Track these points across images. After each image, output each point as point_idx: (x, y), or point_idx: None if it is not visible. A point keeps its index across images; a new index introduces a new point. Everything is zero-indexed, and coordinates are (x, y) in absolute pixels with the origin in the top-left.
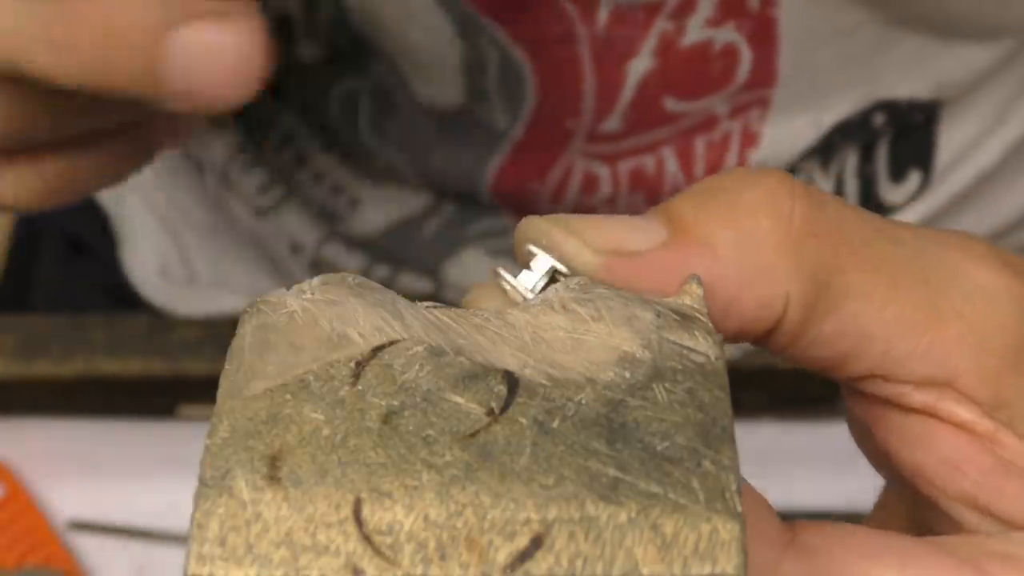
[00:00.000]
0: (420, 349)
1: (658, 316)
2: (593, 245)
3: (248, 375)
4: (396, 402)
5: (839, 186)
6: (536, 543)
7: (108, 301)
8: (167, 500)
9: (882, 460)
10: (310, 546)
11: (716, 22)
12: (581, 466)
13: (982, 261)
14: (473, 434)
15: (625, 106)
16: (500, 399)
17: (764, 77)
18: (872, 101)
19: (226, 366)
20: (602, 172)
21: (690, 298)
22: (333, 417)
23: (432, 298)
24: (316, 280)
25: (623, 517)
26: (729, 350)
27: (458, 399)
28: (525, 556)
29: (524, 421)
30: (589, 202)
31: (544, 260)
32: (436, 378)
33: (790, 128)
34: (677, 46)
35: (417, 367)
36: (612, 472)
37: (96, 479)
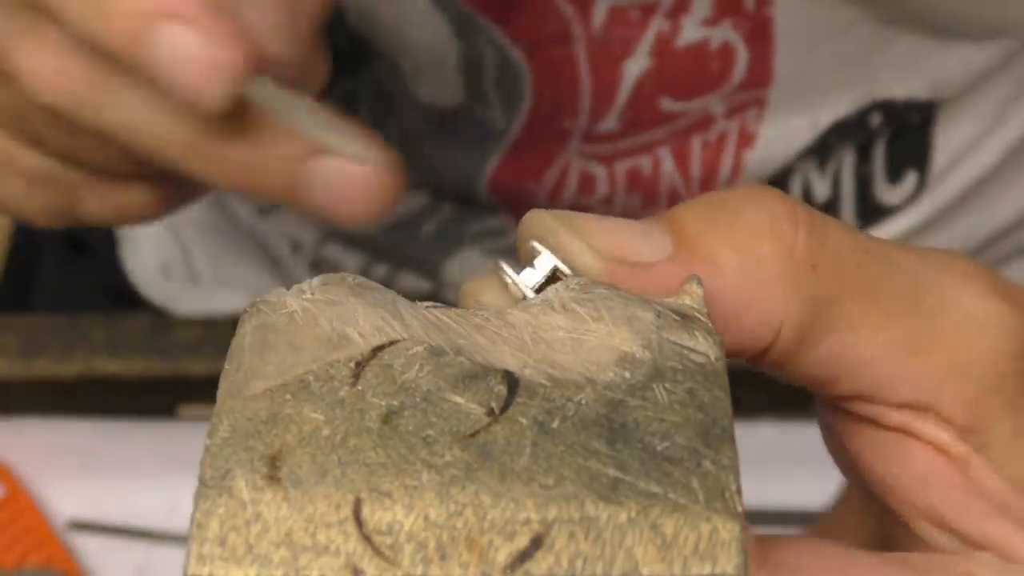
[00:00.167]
0: (420, 349)
1: (658, 316)
2: (599, 250)
3: (248, 375)
4: (396, 402)
5: (835, 186)
6: (536, 543)
7: (108, 301)
8: (167, 500)
9: (851, 466)
10: (310, 546)
11: (712, 21)
12: (581, 466)
13: (975, 288)
14: (473, 434)
15: (621, 106)
16: (500, 399)
17: (760, 77)
18: (869, 101)
19: (226, 366)
20: (599, 172)
21: (690, 298)
22: (333, 417)
23: (432, 297)
24: (316, 280)
25: (623, 517)
26: None
27: (458, 399)
28: (525, 556)
29: (524, 421)
30: (586, 202)
31: (547, 260)
32: (436, 378)
33: (786, 128)
34: (673, 46)
35: (417, 367)
36: (612, 472)
37: (96, 479)
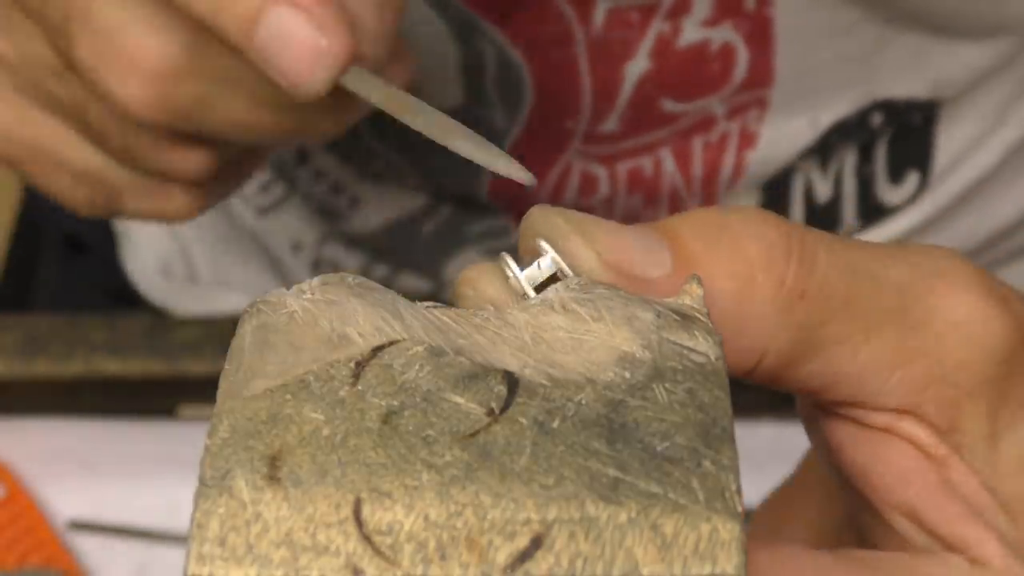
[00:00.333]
0: (420, 349)
1: (658, 316)
2: (604, 259)
3: (248, 375)
4: (396, 402)
5: (837, 186)
6: (536, 543)
7: (108, 301)
8: (167, 500)
9: (831, 456)
10: (310, 546)
11: (712, 22)
12: (581, 466)
13: (963, 293)
14: (473, 434)
15: (622, 107)
16: (500, 399)
17: (761, 77)
18: (870, 101)
19: (226, 366)
20: (600, 173)
21: (690, 298)
22: (333, 417)
23: (432, 297)
24: (316, 280)
25: (623, 517)
26: None
27: (458, 399)
28: (525, 556)
29: (524, 421)
30: (587, 203)
31: (551, 260)
32: (436, 378)
33: (788, 128)
34: (674, 47)
35: (417, 367)
36: (612, 472)
37: (96, 479)
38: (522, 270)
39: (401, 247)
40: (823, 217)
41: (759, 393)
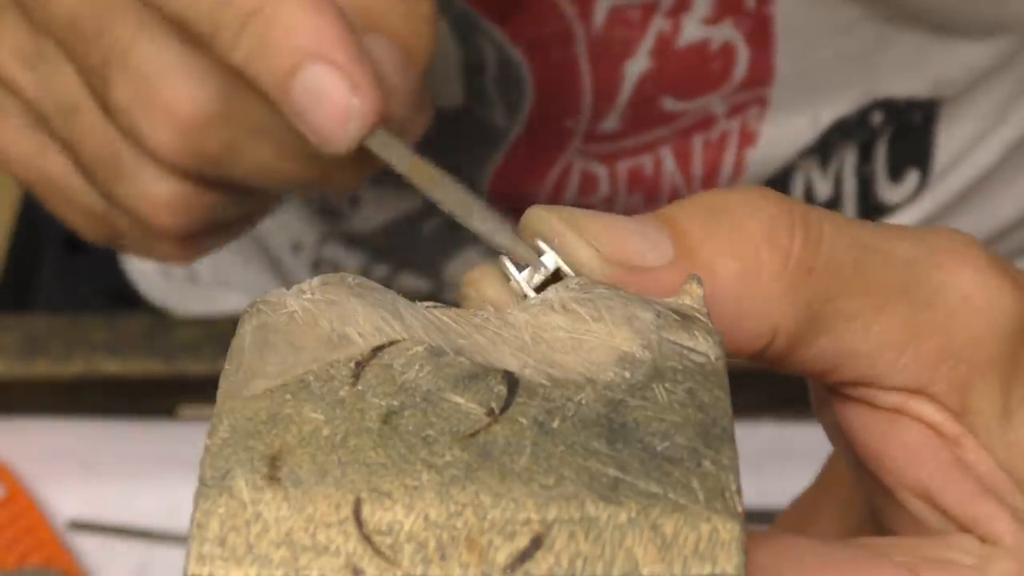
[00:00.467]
0: (420, 349)
1: (658, 316)
2: (604, 254)
3: (248, 375)
4: (396, 402)
5: (837, 185)
6: (536, 543)
7: (108, 301)
8: (167, 500)
9: (843, 438)
10: (310, 546)
11: (713, 20)
12: (581, 466)
13: (971, 271)
14: (473, 434)
15: (623, 106)
16: (500, 399)
17: (761, 75)
18: (870, 99)
19: (226, 366)
20: (600, 172)
21: (690, 298)
22: (333, 417)
23: (432, 297)
24: (316, 280)
25: (623, 517)
26: None
27: (458, 399)
28: (525, 556)
29: (524, 421)
30: (587, 202)
31: (550, 259)
32: (436, 378)
33: (788, 127)
34: (674, 46)
35: (417, 367)
36: (612, 472)
37: (96, 479)
38: (521, 271)
39: (401, 247)
40: None
41: (759, 393)
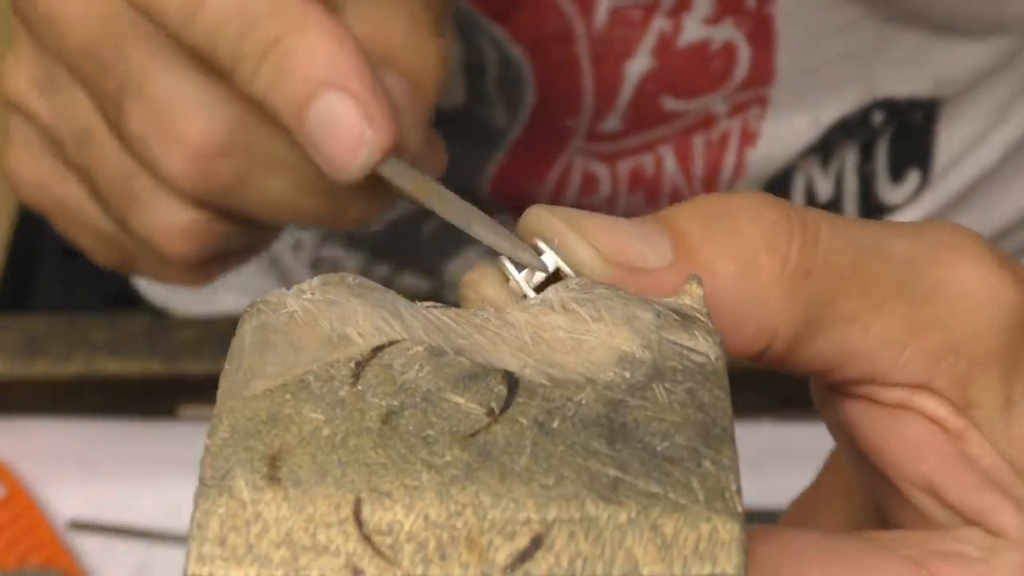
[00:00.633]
0: (420, 349)
1: (658, 316)
2: (604, 254)
3: (248, 375)
4: (396, 402)
5: (838, 185)
6: (536, 543)
7: (108, 301)
8: (167, 500)
9: (846, 435)
10: (310, 546)
11: (713, 20)
12: (581, 466)
13: (971, 264)
14: (473, 434)
15: (624, 105)
16: (500, 399)
17: (762, 75)
18: (871, 99)
19: (226, 366)
20: (601, 172)
21: (690, 298)
22: (333, 417)
23: (433, 297)
24: (316, 280)
25: (623, 517)
26: None
27: (458, 399)
28: (525, 556)
29: (524, 421)
30: (588, 201)
31: (550, 260)
32: (436, 378)
33: (789, 126)
34: (675, 45)
35: (417, 367)
36: (612, 472)
37: (96, 479)
38: (521, 271)
39: (401, 247)
40: None
41: (759, 393)
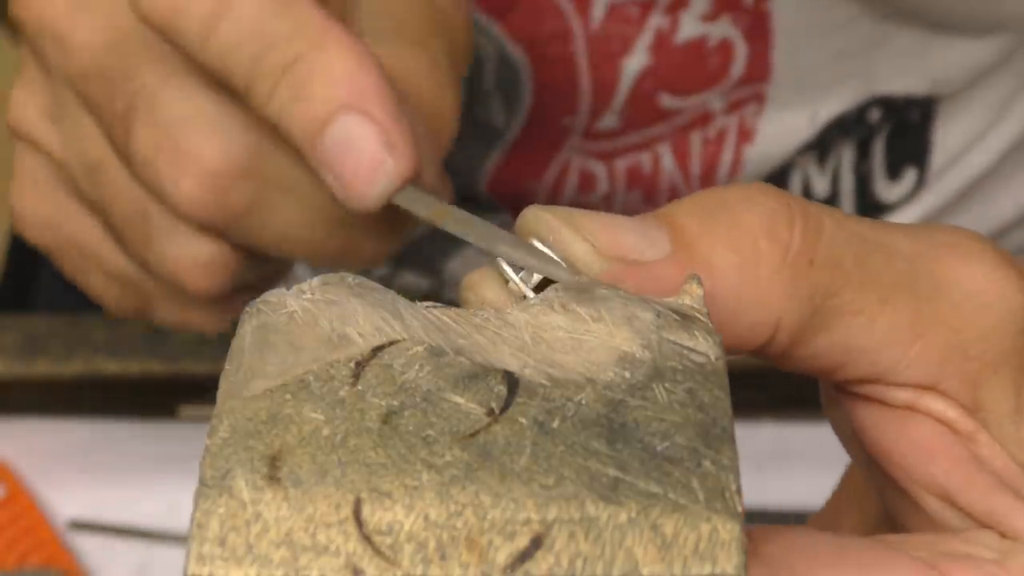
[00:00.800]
0: (420, 349)
1: (658, 316)
2: (600, 249)
3: (248, 375)
4: (396, 402)
5: (835, 183)
6: (536, 543)
7: None
8: (167, 500)
9: (855, 440)
10: (310, 546)
11: (710, 17)
12: (581, 466)
13: (977, 265)
14: (473, 434)
15: (621, 103)
16: (500, 399)
17: (759, 72)
18: (868, 96)
19: (226, 366)
20: (599, 170)
21: (690, 298)
22: (333, 417)
23: (432, 296)
24: (316, 280)
25: (623, 517)
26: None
27: (458, 399)
28: (525, 556)
29: (524, 421)
30: (586, 200)
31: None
32: (436, 378)
33: (785, 123)
34: (672, 42)
35: (417, 367)
36: (612, 472)
37: (96, 479)
38: (520, 272)
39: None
40: None
41: (759, 393)
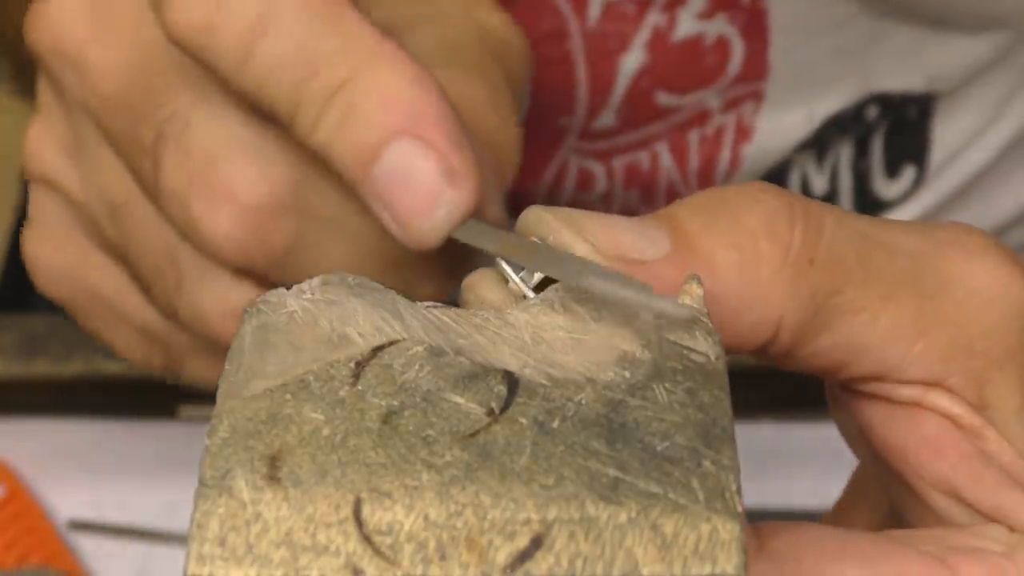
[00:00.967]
0: (420, 349)
1: (658, 316)
2: (600, 249)
3: (248, 375)
4: (396, 402)
5: (833, 180)
6: (536, 543)
7: None
8: (167, 500)
9: (862, 441)
10: (310, 546)
11: (707, 14)
12: (581, 466)
13: (980, 262)
14: (473, 434)
15: (618, 101)
16: (500, 399)
17: (756, 70)
18: (865, 93)
19: (226, 366)
20: (597, 169)
21: (690, 298)
22: (333, 417)
23: (432, 297)
24: (316, 280)
25: (623, 517)
26: None
27: (458, 399)
28: (525, 556)
29: (524, 421)
30: (584, 199)
31: None
32: (436, 378)
33: (783, 121)
34: (669, 40)
35: (417, 367)
36: (612, 472)
37: (96, 479)
38: (519, 272)
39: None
40: None
41: (759, 393)
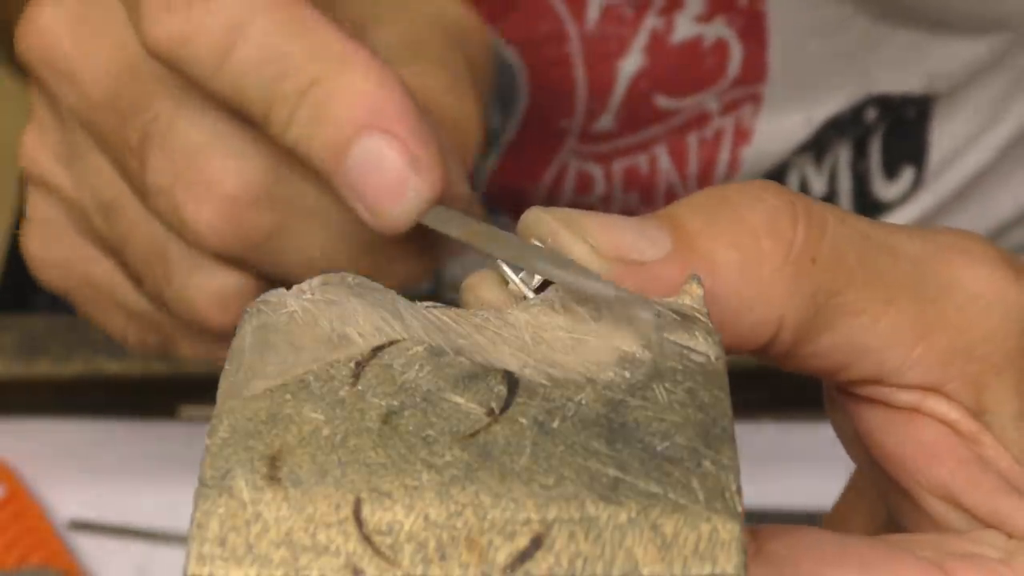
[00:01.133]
0: (420, 349)
1: (658, 316)
2: (601, 250)
3: (248, 375)
4: (396, 402)
5: (832, 182)
6: (536, 543)
7: None
8: (167, 500)
9: (859, 444)
10: (310, 546)
11: (705, 18)
12: (581, 466)
13: (981, 267)
14: (473, 434)
15: (617, 104)
16: (500, 399)
17: (755, 72)
18: (864, 96)
19: (226, 366)
20: (596, 172)
21: (690, 298)
22: (333, 417)
23: (432, 297)
24: (316, 280)
25: (623, 517)
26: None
27: (458, 399)
28: (525, 556)
29: (524, 421)
30: (584, 201)
31: None
32: (436, 378)
33: (782, 124)
34: (667, 43)
35: (417, 367)
36: (612, 472)
37: (96, 479)
38: (519, 273)
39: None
40: None
41: (759, 393)
